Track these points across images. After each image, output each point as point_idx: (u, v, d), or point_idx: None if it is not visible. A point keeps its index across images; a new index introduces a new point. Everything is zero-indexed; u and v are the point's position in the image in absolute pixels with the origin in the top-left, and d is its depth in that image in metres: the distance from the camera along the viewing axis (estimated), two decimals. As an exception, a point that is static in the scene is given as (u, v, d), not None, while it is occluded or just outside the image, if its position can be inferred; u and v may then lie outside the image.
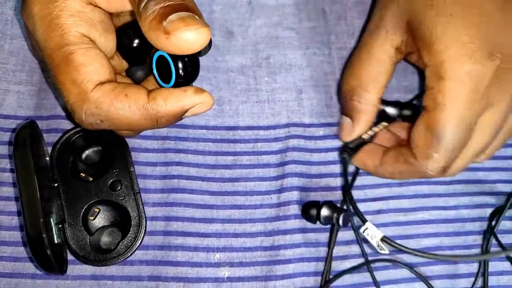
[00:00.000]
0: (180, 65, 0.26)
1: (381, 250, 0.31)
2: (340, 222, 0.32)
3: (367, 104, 0.32)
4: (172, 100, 0.26)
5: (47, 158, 0.31)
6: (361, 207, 0.34)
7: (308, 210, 0.33)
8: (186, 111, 0.27)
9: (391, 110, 0.34)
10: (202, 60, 0.37)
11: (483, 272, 0.33)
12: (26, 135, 0.29)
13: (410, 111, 0.34)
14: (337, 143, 0.36)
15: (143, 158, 0.34)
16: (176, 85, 0.27)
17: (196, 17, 0.24)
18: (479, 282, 0.33)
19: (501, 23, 0.29)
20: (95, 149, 0.33)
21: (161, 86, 0.28)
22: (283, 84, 0.37)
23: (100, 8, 0.28)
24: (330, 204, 0.33)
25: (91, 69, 0.26)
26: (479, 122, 0.30)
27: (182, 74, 0.27)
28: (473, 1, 0.29)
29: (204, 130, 0.35)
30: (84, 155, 0.33)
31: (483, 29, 0.29)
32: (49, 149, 0.32)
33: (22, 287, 0.30)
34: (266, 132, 0.36)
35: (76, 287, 0.30)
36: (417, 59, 0.32)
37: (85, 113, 0.26)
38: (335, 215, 0.32)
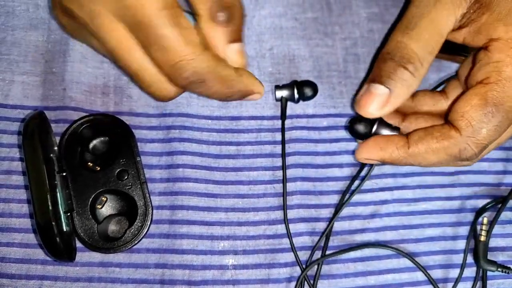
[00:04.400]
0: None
1: None
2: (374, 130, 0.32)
3: (418, 78, 0.29)
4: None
5: (56, 148, 0.32)
6: (369, 197, 0.34)
7: (357, 124, 0.32)
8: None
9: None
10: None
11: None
12: (35, 126, 0.30)
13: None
14: (341, 134, 0.36)
15: (149, 148, 0.34)
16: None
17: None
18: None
19: None
20: (102, 139, 0.34)
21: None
22: (287, 75, 0.37)
23: None
24: (383, 121, 0.32)
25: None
26: None
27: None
28: None
29: (208, 120, 0.36)
30: (91, 145, 0.33)
31: None
32: (57, 139, 0.33)
33: (33, 273, 0.31)
34: (269, 122, 0.36)
35: (84, 273, 0.31)
36: (468, 33, 0.30)
37: (193, 70, 0.27)
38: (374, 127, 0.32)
